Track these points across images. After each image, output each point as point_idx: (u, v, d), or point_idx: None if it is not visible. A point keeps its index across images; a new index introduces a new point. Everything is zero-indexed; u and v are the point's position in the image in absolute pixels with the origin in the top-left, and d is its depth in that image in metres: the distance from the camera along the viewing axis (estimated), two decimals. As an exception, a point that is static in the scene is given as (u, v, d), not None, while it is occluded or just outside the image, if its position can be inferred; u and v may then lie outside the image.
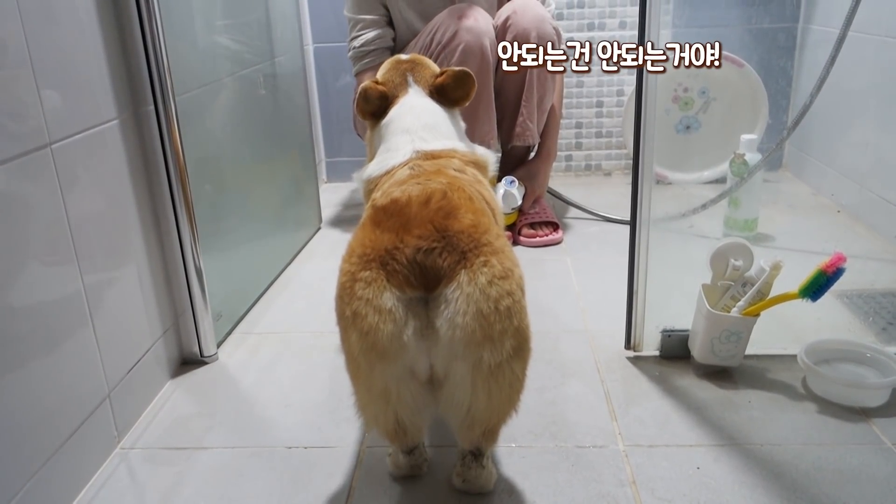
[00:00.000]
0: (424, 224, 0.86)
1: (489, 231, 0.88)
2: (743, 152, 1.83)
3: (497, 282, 0.84)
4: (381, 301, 0.83)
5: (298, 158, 2.04)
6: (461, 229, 0.86)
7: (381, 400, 0.88)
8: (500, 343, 0.84)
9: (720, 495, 0.99)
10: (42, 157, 0.97)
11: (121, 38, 1.18)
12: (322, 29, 2.41)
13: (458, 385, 0.86)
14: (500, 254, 0.86)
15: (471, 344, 0.83)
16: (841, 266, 1.15)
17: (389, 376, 0.86)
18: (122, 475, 1.08)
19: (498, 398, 0.88)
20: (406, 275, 0.83)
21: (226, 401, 1.27)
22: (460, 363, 0.85)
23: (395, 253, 0.84)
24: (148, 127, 1.24)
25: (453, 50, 1.79)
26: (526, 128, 1.95)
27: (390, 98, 1.25)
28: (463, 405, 0.88)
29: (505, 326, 0.84)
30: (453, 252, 0.84)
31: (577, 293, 1.64)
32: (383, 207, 0.91)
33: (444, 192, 0.92)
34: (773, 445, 1.09)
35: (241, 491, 1.04)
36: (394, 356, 0.84)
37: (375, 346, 0.83)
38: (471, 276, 0.83)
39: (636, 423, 1.16)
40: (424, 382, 0.88)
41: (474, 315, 0.82)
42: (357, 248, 0.88)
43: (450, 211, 0.88)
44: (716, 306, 1.25)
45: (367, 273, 0.84)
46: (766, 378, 1.26)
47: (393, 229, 0.86)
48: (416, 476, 1.05)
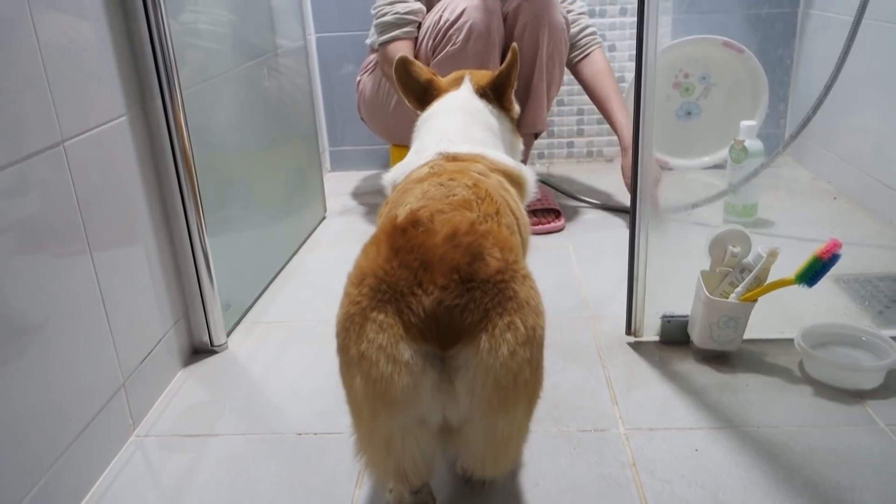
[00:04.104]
0: (448, 270, 0.78)
1: (516, 275, 0.82)
2: (742, 138, 1.85)
3: (519, 350, 0.78)
4: (396, 351, 0.76)
5: (303, 148, 2.07)
6: (487, 277, 0.78)
7: (384, 448, 0.82)
8: (514, 412, 0.82)
9: (717, 476, 1.02)
10: (56, 155, 1.00)
11: (128, 35, 1.20)
12: (324, 19, 2.42)
13: (469, 443, 0.84)
14: (524, 308, 0.80)
15: (488, 413, 0.80)
16: (836, 252, 1.17)
17: (395, 426, 0.80)
18: (139, 461, 1.12)
19: (505, 458, 0.87)
20: (422, 329, 0.77)
21: (236, 389, 1.31)
22: (475, 426, 0.82)
23: (412, 301, 0.77)
24: (156, 122, 1.26)
25: (460, 28, 1.81)
26: (536, 115, 1.97)
27: (437, 90, 1.26)
28: (470, 459, 0.87)
29: (520, 396, 0.81)
30: (476, 310, 0.77)
31: (579, 280, 1.67)
32: (403, 229, 0.82)
33: (472, 224, 0.83)
34: (769, 428, 1.12)
35: (253, 476, 1.08)
36: (404, 408, 0.78)
37: (385, 395, 0.77)
38: (492, 345, 0.77)
39: (637, 407, 1.19)
40: (436, 432, 0.83)
41: (494, 387, 0.78)
42: (369, 274, 0.80)
43: (477, 251, 0.79)
44: (714, 292, 1.28)
45: (381, 316, 0.77)
46: (764, 362, 1.29)
47: (412, 266, 0.78)
48: None
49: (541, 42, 1.89)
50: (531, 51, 1.91)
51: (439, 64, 1.87)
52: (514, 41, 1.89)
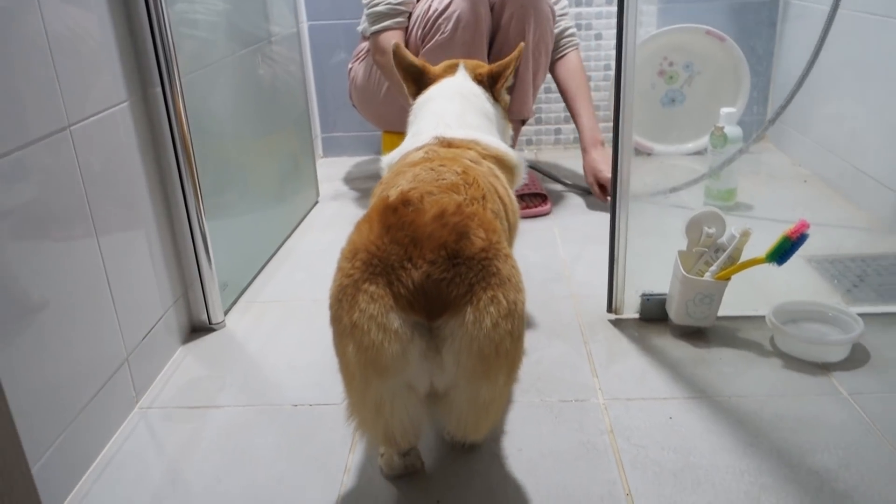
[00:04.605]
0: (436, 247, 0.83)
1: (499, 253, 0.87)
2: (722, 125, 1.91)
3: (501, 323, 0.84)
4: (386, 320, 0.81)
5: (296, 134, 2.11)
6: (472, 254, 0.84)
7: (374, 412, 0.88)
8: (495, 379, 0.87)
9: (689, 441, 1.09)
10: (62, 139, 1.05)
11: (129, 23, 1.25)
12: (316, 6, 2.47)
13: (454, 408, 0.90)
14: (506, 284, 0.86)
15: (471, 380, 0.86)
16: (804, 232, 1.24)
17: (385, 391, 0.86)
18: (142, 431, 1.18)
19: (485, 423, 0.93)
20: (410, 300, 0.82)
21: (234, 364, 1.37)
22: (460, 392, 0.88)
23: (402, 274, 0.82)
24: (156, 108, 1.31)
25: (448, 17, 1.87)
26: (523, 102, 2.03)
27: (431, 76, 1.32)
28: (453, 422, 0.92)
29: (501, 365, 0.86)
30: (461, 284, 0.83)
31: (564, 261, 1.73)
32: (394, 208, 0.87)
33: (459, 206, 0.89)
34: (739, 397, 1.19)
35: (253, 444, 1.14)
36: (394, 373, 0.84)
37: (375, 362, 0.83)
38: (476, 316, 0.82)
39: (615, 379, 1.25)
40: (422, 396, 0.89)
41: (478, 356, 0.83)
42: (361, 250, 0.85)
43: (463, 230, 0.85)
44: (690, 271, 1.34)
45: (372, 287, 0.83)
46: (737, 337, 1.36)
47: (402, 242, 0.84)
48: (412, 475, 1.05)
49: (527, 31, 1.94)
50: (518, 40, 1.96)
51: (428, 53, 1.92)
52: (501, 31, 1.96)
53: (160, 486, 1.06)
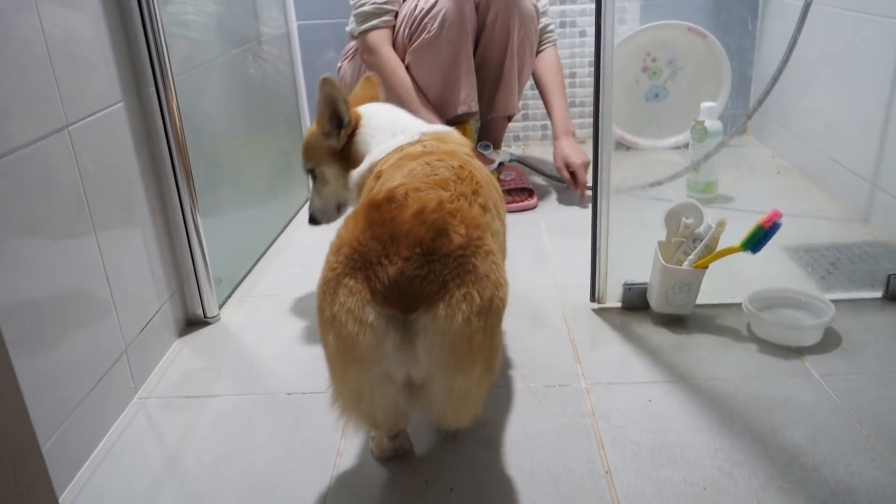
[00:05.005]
0: (412, 244, 0.85)
1: (478, 250, 0.88)
2: (703, 119, 1.96)
3: (473, 319, 0.85)
4: (362, 313, 0.85)
5: (286, 133, 2.16)
6: (448, 251, 0.86)
7: (355, 398, 0.92)
8: (470, 372, 0.89)
9: (668, 422, 1.14)
10: (61, 138, 1.09)
11: (123, 25, 1.28)
12: (305, 6, 2.50)
13: (433, 398, 0.92)
14: (482, 281, 0.87)
15: (445, 373, 0.88)
16: (777, 221, 1.29)
17: (364, 380, 0.89)
18: (141, 420, 1.22)
19: (465, 412, 0.95)
20: (386, 295, 0.85)
21: (230, 356, 1.41)
22: (436, 383, 0.90)
23: (378, 270, 0.85)
24: (150, 108, 1.35)
25: (434, 16, 1.91)
26: (507, 98, 2.07)
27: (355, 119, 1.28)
28: (434, 412, 0.96)
29: (476, 358, 0.88)
30: (435, 280, 0.85)
31: (549, 253, 1.78)
32: (378, 204, 0.91)
33: (441, 202, 0.91)
34: (716, 380, 1.24)
35: (249, 430, 1.18)
36: (370, 364, 0.87)
37: (352, 352, 0.86)
38: (448, 312, 0.84)
39: (597, 365, 1.30)
40: (401, 386, 0.92)
41: (449, 350, 0.86)
42: (346, 244, 0.88)
43: (441, 227, 0.87)
44: (670, 261, 1.39)
45: (351, 282, 0.86)
46: (715, 324, 1.41)
47: (381, 239, 0.86)
48: (401, 457, 1.09)
49: (512, 29, 1.99)
50: (502, 38, 2.01)
51: (416, 51, 1.96)
52: (486, 29, 2.00)
53: (160, 471, 1.10)
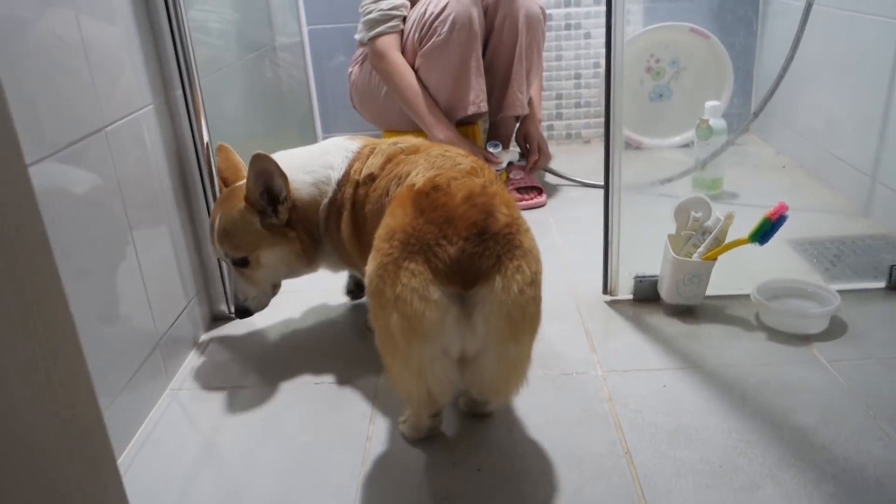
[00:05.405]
0: (468, 225, 0.94)
1: (521, 228, 0.98)
2: (707, 118, 2.01)
3: (526, 289, 0.94)
4: (427, 292, 0.92)
5: (301, 135, 2.21)
6: (498, 230, 0.95)
7: (417, 375, 0.97)
8: (522, 340, 0.98)
9: (682, 406, 1.19)
10: (99, 139, 1.14)
11: (152, 32, 1.33)
12: (315, 12, 2.55)
13: (485, 369, 0.99)
14: (528, 255, 0.96)
15: (501, 342, 0.96)
16: (783, 213, 1.34)
17: (425, 355, 0.95)
18: (176, 410, 1.27)
19: (515, 380, 1.03)
20: (447, 273, 0.92)
21: (256, 348, 1.46)
22: (489, 353, 0.97)
23: (439, 250, 0.93)
24: (177, 110, 1.40)
25: (444, 20, 1.96)
26: (515, 98, 2.12)
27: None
28: (483, 383, 1.02)
29: (527, 327, 0.97)
30: (490, 256, 0.93)
31: (560, 249, 1.83)
32: (426, 193, 0.99)
33: (484, 187, 1.01)
34: (727, 367, 1.29)
35: (279, 418, 1.23)
36: (434, 339, 0.94)
37: (418, 329, 0.92)
38: (504, 283, 0.93)
39: (612, 354, 1.35)
40: (455, 361, 0.99)
41: (506, 319, 0.94)
42: (399, 232, 0.95)
43: (489, 209, 0.96)
44: (680, 253, 1.44)
45: (412, 264, 0.93)
46: (724, 314, 1.46)
47: (437, 223, 0.94)
48: (432, 438, 1.14)
49: (520, 32, 2.04)
50: (511, 40, 2.06)
51: (426, 54, 2.02)
52: (495, 32, 2.06)
53: (197, 457, 1.14)
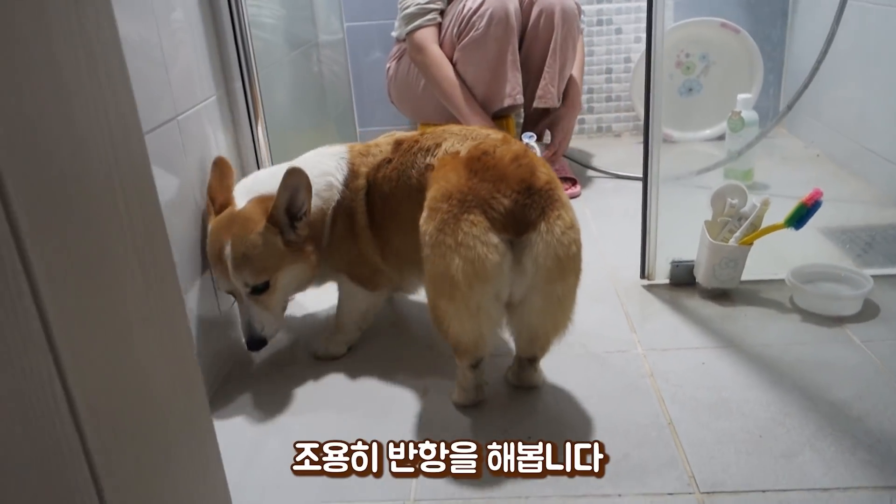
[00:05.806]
0: (518, 181, 1.08)
1: (557, 185, 1.12)
2: (739, 110, 2.06)
3: (567, 232, 1.07)
4: (487, 237, 1.04)
5: (342, 128, 2.28)
6: (541, 186, 1.08)
7: (475, 314, 1.07)
8: (567, 279, 1.09)
9: (721, 381, 1.24)
10: (173, 127, 1.21)
11: (215, 27, 1.41)
12: (354, 9, 2.63)
13: (533, 309, 1.10)
14: (566, 207, 1.10)
15: (549, 280, 1.07)
16: (818, 199, 1.39)
17: (482, 295, 1.05)
18: (236, 381, 1.34)
19: (561, 319, 1.14)
20: (503, 222, 1.05)
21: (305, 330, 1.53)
22: (537, 293, 1.08)
23: (494, 203, 1.06)
24: (237, 100, 1.48)
25: (482, 15, 2.03)
26: (547, 91, 2.18)
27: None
28: (532, 324, 1.13)
29: (572, 266, 1.09)
30: (536, 208, 1.06)
31: (596, 237, 1.89)
32: (477, 157, 1.13)
33: (525, 151, 1.15)
34: (763, 346, 1.34)
35: (337, 391, 1.30)
36: (492, 280, 1.04)
37: (479, 271, 1.03)
38: (549, 227, 1.05)
39: (652, 333, 1.41)
40: (504, 305, 1.10)
41: (553, 258, 1.05)
42: (455, 192, 1.08)
43: (532, 168, 1.11)
44: (716, 238, 1.49)
45: (471, 216, 1.05)
46: (760, 297, 1.51)
47: (491, 180, 1.08)
48: (479, 405, 1.23)
49: (555, 27, 2.10)
50: (546, 34, 2.12)
51: (464, 48, 2.08)
52: (531, 27, 2.12)
53: (265, 423, 1.22)
